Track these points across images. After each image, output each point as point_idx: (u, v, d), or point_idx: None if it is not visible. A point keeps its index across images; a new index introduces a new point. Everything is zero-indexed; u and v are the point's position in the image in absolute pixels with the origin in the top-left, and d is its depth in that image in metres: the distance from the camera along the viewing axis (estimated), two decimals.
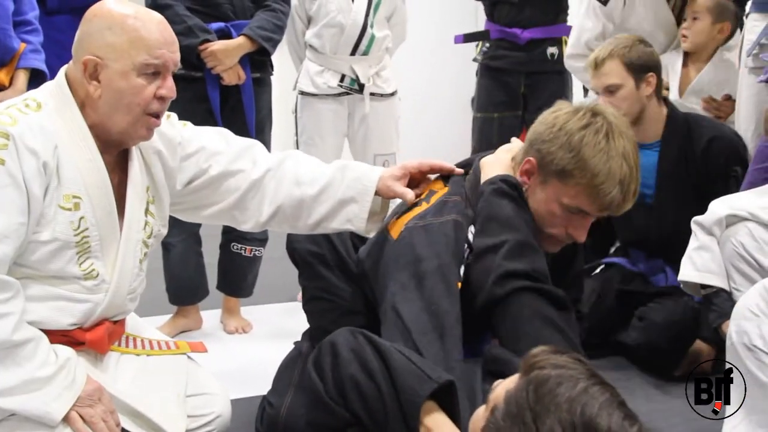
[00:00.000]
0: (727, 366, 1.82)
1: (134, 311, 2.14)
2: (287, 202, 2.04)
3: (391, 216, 2.00)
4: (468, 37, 3.91)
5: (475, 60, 3.90)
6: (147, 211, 1.94)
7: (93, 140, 1.80)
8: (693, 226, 2.27)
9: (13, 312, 1.67)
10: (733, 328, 1.79)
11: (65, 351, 1.76)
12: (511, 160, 1.97)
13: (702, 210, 2.38)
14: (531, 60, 3.70)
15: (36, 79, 2.61)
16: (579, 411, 1.17)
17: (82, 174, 1.78)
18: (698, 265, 2.25)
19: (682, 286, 2.32)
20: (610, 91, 2.74)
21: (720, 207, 2.24)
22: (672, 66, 3.27)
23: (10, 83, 2.57)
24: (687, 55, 3.27)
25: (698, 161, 2.76)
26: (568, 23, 3.76)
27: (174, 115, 2.07)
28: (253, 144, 2.16)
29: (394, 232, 1.89)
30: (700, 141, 2.76)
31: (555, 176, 1.84)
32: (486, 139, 3.78)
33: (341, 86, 3.42)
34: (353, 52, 3.41)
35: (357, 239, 2.15)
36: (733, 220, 2.20)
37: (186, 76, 3.00)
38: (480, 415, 1.37)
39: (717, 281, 2.22)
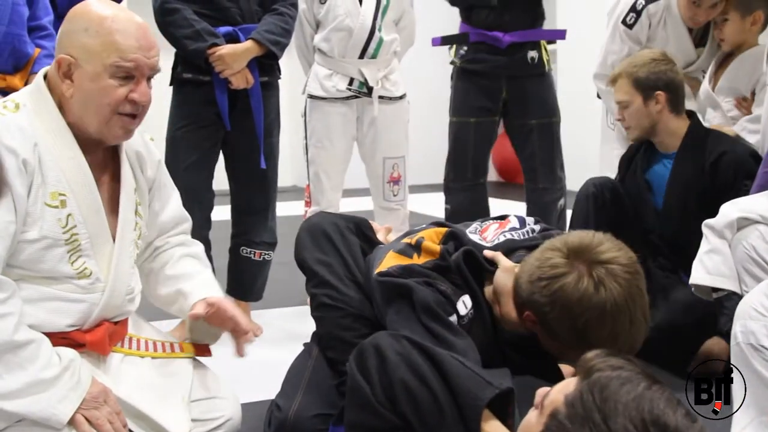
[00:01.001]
0: (732, 366, 1.81)
1: (145, 315, 2.16)
2: (156, 272, 2.12)
3: (388, 247, 2.04)
4: (446, 40, 3.86)
5: (452, 63, 3.86)
6: (136, 211, 1.96)
7: (73, 138, 1.81)
8: (704, 229, 2.26)
9: (12, 312, 1.67)
10: (738, 329, 1.77)
11: (69, 352, 1.76)
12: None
13: (707, 218, 2.40)
14: (512, 64, 3.67)
15: None
16: (647, 409, 1.22)
17: (65, 172, 1.79)
18: (709, 268, 2.24)
19: (693, 289, 2.31)
20: (623, 106, 2.91)
21: (731, 210, 2.23)
22: (709, 69, 3.41)
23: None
24: (730, 55, 3.35)
25: (707, 173, 2.82)
26: (558, 27, 3.75)
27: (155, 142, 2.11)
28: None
29: (379, 267, 1.93)
30: (712, 154, 2.83)
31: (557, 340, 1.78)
32: (461, 144, 3.77)
33: (350, 89, 3.41)
34: (362, 56, 3.40)
35: (366, 246, 2.15)
36: (744, 223, 2.18)
37: (194, 80, 3.01)
38: (533, 420, 1.38)
39: (728, 284, 2.21)
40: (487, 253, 1.93)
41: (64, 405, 1.68)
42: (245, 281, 3.27)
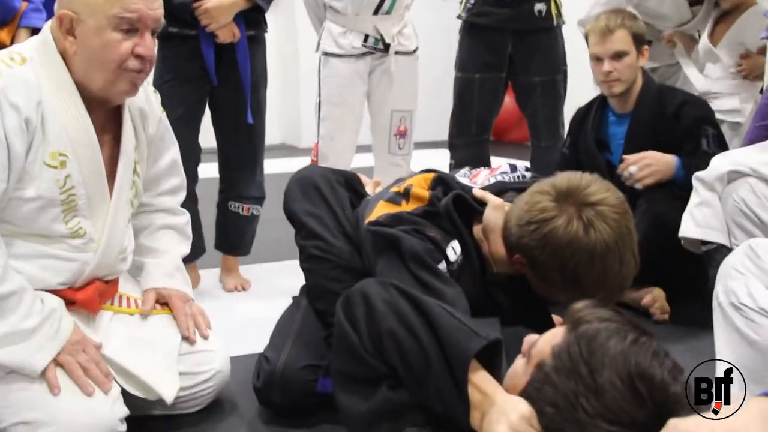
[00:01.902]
0: (715, 325, 1.81)
1: (136, 271, 2.14)
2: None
3: (377, 197, 2.02)
4: None
5: (459, 17, 3.80)
6: (134, 170, 1.93)
7: (79, 96, 1.78)
8: (694, 181, 2.26)
9: None
10: (719, 289, 1.77)
11: (52, 301, 1.76)
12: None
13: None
14: (518, 17, 3.59)
15: None
16: (633, 362, 1.22)
17: (68, 132, 1.76)
18: (699, 220, 2.23)
19: (682, 242, 2.30)
20: (618, 56, 2.93)
21: (722, 162, 2.22)
22: (705, 26, 3.47)
23: (12, 42, 2.54)
24: (728, 12, 3.41)
25: (668, 125, 2.90)
26: None
27: (158, 96, 2.09)
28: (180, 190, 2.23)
29: (369, 217, 1.91)
30: (671, 106, 2.92)
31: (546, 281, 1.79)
32: (466, 101, 3.74)
33: (365, 46, 3.34)
34: (376, 12, 3.33)
35: (356, 199, 2.14)
36: (734, 175, 2.18)
37: (180, 34, 2.96)
38: (520, 370, 1.37)
39: (718, 237, 2.21)
40: (476, 192, 1.93)
41: (41, 354, 1.68)
42: (233, 236, 3.25)
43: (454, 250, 1.81)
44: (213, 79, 3.00)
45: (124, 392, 1.82)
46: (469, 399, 1.35)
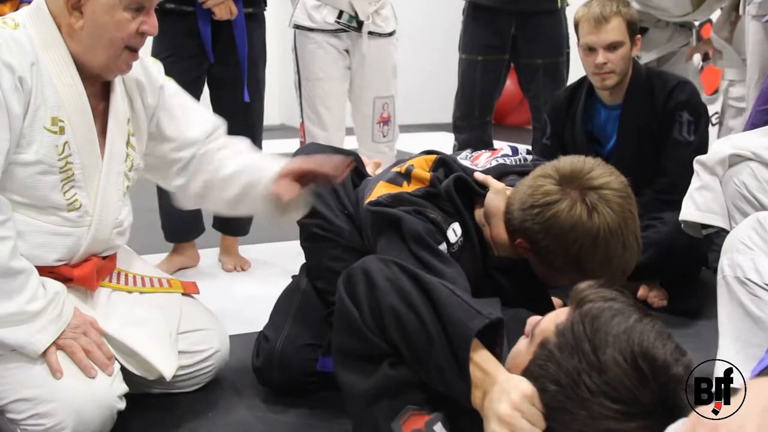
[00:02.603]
0: (719, 300, 1.81)
1: (132, 249, 2.14)
2: (212, 181, 2.07)
3: (378, 177, 2.01)
4: None
5: None
6: (128, 143, 1.93)
7: (74, 65, 1.77)
8: (695, 165, 2.25)
9: (10, 236, 1.66)
10: (725, 262, 1.77)
11: (54, 285, 1.75)
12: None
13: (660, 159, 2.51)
14: None
15: None
16: (637, 341, 1.22)
17: (63, 99, 1.75)
18: (700, 204, 2.22)
19: (683, 225, 2.30)
20: (613, 47, 2.82)
21: (723, 146, 2.21)
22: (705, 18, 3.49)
23: None
24: None
25: (658, 114, 2.83)
26: None
27: (161, 65, 2.07)
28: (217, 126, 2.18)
29: (369, 197, 1.91)
30: (661, 94, 2.84)
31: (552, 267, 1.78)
32: (469, 82, 3.72)
33: (339, 23, 3.28)
34: None
35: (357, 178, 2.13)
36: (736, 159, 2.17)
37: (177, 11, 2.92)
38: (523, 349, 1.37)
39: (718, 221, 2.20)
40: (478, 175, 1.92)
41: (42, 335, 1.68)
42: (232, 217, 3.24)
43: (454, 231, 1.80)
44: (210, 56, 2.96)
45: (123, 370, 1.82)
46: (471, 378, 1.35)
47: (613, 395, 1.20)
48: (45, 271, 1.78)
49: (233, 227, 3.27)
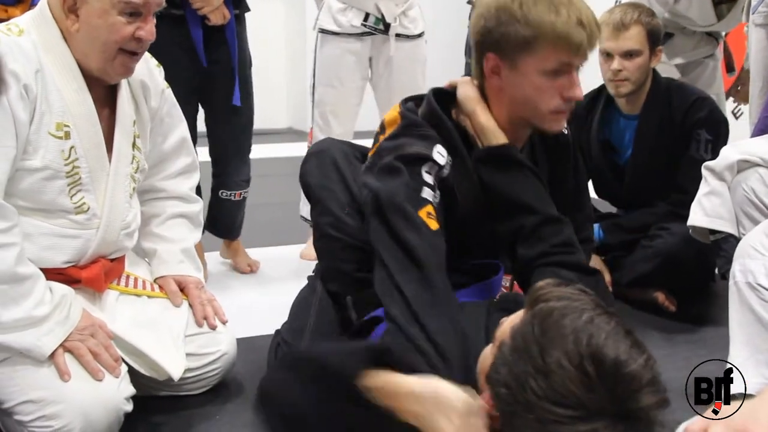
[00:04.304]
0: (730, 305, 1.81)
1: (143, 256, 2.15)
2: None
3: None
4: None
5: (468, 2, 3.76)
6: (134, 145, 1.94)
7: (78, 70, 1.79)
8: (704, 171, 2.25)
9: (15, 242, 1.66)
10: (736, 267, 1.77)
11: (61, 288, 1.76)
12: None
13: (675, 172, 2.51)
14: None
15: None
16: (585, 341, 1.16)
17: (68, 104, 1.76)
18: (708, 210, 2.22)
19: (690, 231, 2.30)
20: (630, 55, 2.79)
21: (732, 152, 2.20)
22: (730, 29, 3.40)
23: None
24: None
25: (676, 128, 2.81)
26: None
27: (161, 69, 2.08)
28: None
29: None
30: (680, 108, 2.82)
31: (521, 51, 1.79)
32: None
33: (365, 26, 3.23)
34: None
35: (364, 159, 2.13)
36: (744, 165, 2.16)
37: (167, 14, 2.89)
38: (487, 352, 1.37)
39: (726, 227, 2.19)
40: (446, 83, 1.96)
41: (48, 338, 1.68)
42: (226, 221, 3.22)
43: (440, 153, 1.80)
44: (202, 59, 2.91)
45: (131, 372, 1.82)
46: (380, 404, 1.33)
47: (558, 400, 1.15)
48: (53, 272, 1.79)
49: (228, 231, 3.26)
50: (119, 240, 1.92)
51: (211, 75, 2.98)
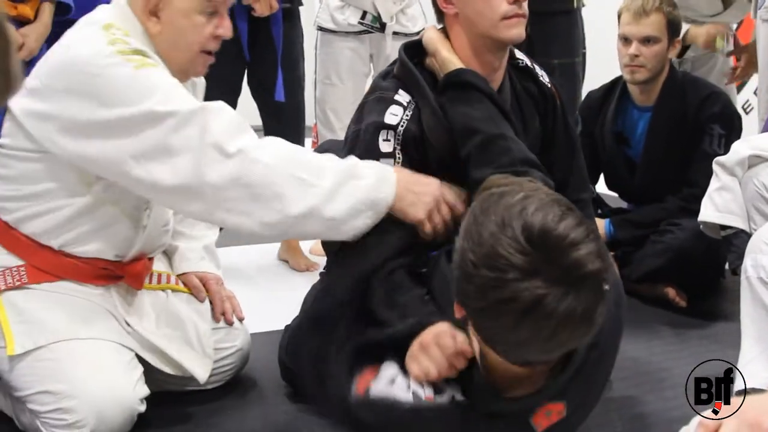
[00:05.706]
0: (742, 300, 1.81)
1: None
2: None
3: None
4: None
5: None
6: None
7: (165, 67, 1.77)
8: (715, 166, 2.25)
9: (274, 141, 1.72)
10: (748, 263, 1.77)
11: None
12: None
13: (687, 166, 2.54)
14: None
15: (61, 12, 2.58)
16: (517, 212, 1.23)
17: None
18: (719, 205, 2.22)
19: (701, 227, 2.30)
20: (648, 41, 2.80)
21: (743, 147, 2.20)
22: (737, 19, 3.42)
23: (36, 17, 2.53)
24: None
25: (690, 122, 2.82)
26: None
27: None
28: None
29: None
30: (693, 102, 2.82)
31: None
32: None
33: (362, 24, 3.24)
34: None
35: None
36: (756, 160, 2.16)
37: None
38: None
39: (737, 222, 2.19)
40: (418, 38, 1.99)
41: (384, 186, 1.70)
42: None
43: (398, 104, 1.85)
44: (246, 54, 2.89)
45: (146, 366, 1.84)
46: None
47: (491, 263, 1.21)
48: (99, 265, 1.81)
49: None
50: (159, 236, 1.95)
51: (259, 70, 2.97)
